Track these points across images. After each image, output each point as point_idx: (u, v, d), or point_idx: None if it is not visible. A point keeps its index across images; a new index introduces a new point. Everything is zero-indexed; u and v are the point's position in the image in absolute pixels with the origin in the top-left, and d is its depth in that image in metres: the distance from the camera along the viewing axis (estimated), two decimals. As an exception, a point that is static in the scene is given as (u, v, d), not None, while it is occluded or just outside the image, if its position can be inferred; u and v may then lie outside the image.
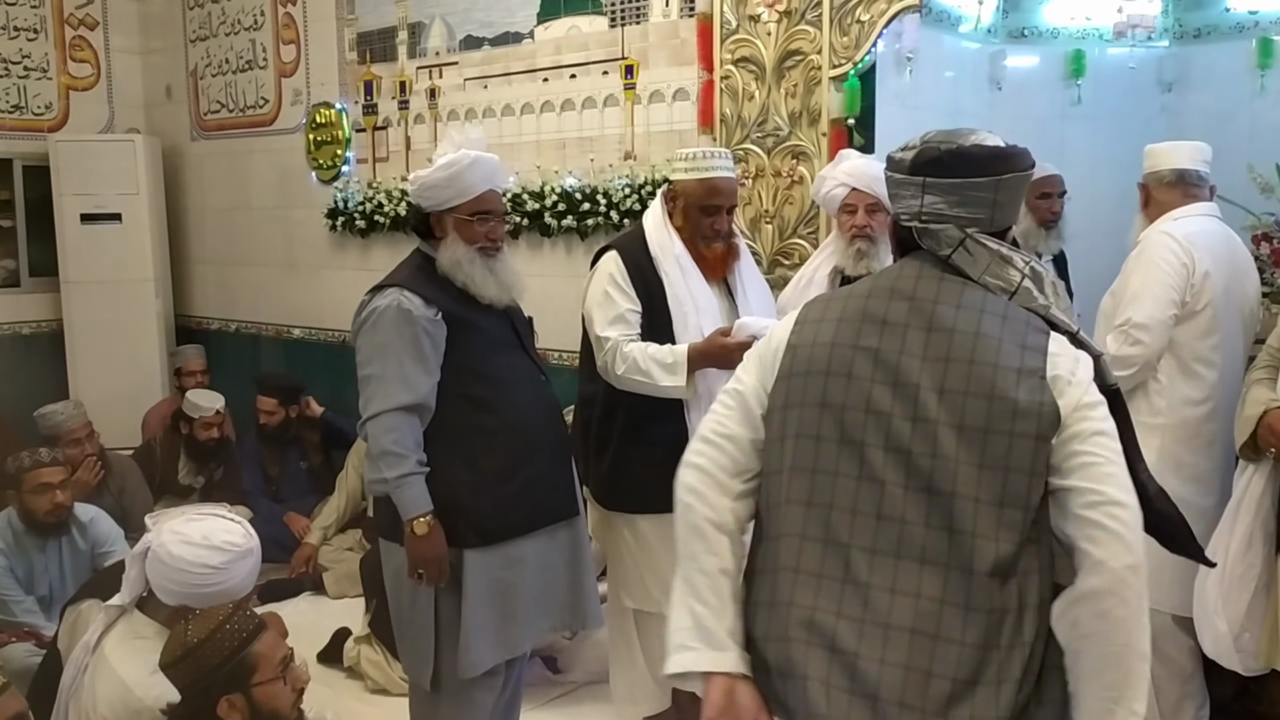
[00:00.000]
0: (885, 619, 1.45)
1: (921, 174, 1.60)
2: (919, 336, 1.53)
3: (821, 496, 1.52)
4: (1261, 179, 3.97)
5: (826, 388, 1.55)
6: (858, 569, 1.48)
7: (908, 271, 1.61)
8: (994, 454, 1.46)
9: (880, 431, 1.51)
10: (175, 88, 6.28)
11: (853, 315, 1.58)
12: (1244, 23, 4.41)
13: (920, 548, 1.46)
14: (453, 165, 2.59)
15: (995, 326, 1.52)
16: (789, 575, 1.52)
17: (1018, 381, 1.47)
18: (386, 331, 2.54)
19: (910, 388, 1.51)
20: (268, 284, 5.90)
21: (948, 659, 1.43)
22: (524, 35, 4.61)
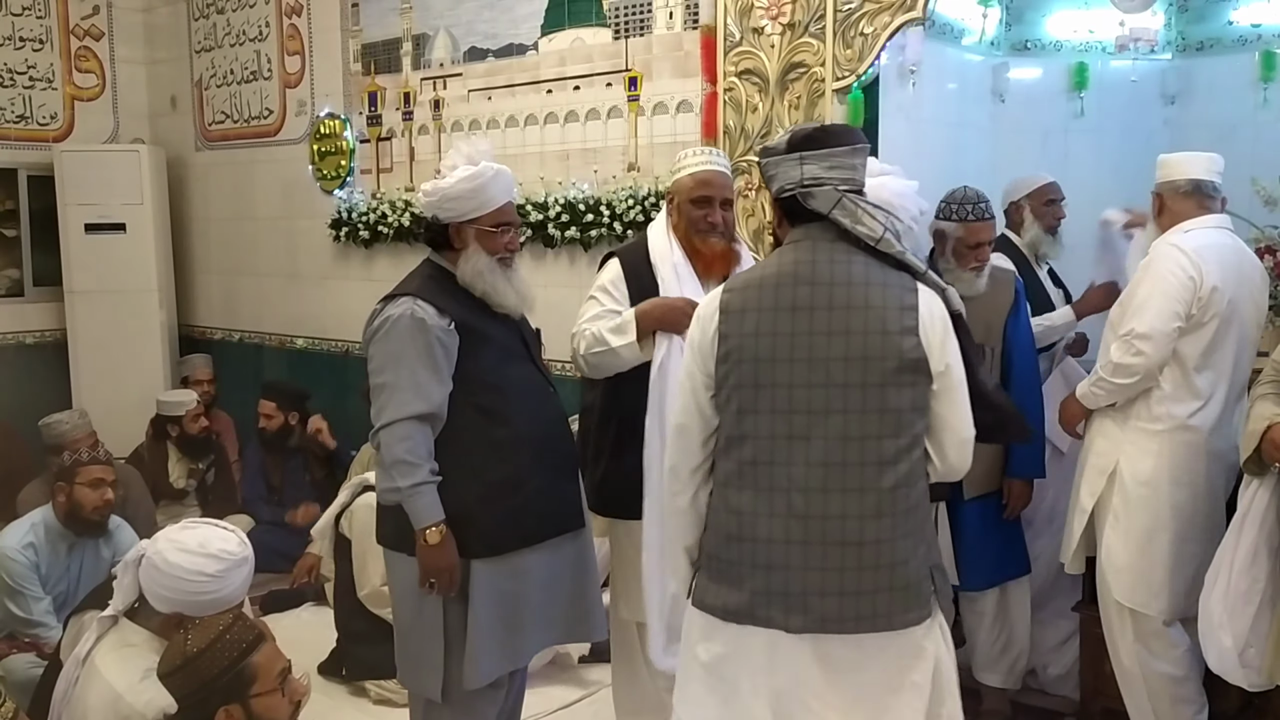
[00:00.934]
0: (821, 536, 1.95)
1: (798, 150, 2.00)
2: (824, 316, 1.95)
3: (765, 455, 1.98)
4: (1265, 191, 3.98)
5: (759, 372, 1.98)
6: (795, 504, 1.96)
7: (805, 255, 2.00)
8: (887, 401, 1.94)
9: (804, 399, 1.95)
10: (180, 98, 6.30)
11: (769, 304, 1.98)
12: (1247, 36, 4.41)
13: (841, 481, 1.94)
14: (478, 177, 2.60)
15: (879, 296, 1.95)
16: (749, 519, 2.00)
17: (900, 342, 1.94)
18: (400, 340, 2.54)
19: (821, 362, 1.94)
20: (271, 294, 5.91)
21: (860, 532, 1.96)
22: (528, 47, 4.62)
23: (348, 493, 3.77)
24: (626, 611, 3.02)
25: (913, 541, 1.98)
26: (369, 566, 3.64)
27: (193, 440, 5.06)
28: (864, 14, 3.57)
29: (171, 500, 5.00)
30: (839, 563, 1.94)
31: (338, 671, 3.80)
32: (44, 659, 3.32)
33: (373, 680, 3.66)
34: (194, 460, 5.11)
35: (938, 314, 1.98)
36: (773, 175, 2.05)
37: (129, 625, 2.46)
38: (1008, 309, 3.34)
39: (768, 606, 1.97)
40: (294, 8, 5.56)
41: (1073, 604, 3.43)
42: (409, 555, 2.56)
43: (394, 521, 2.58)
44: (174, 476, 5.08)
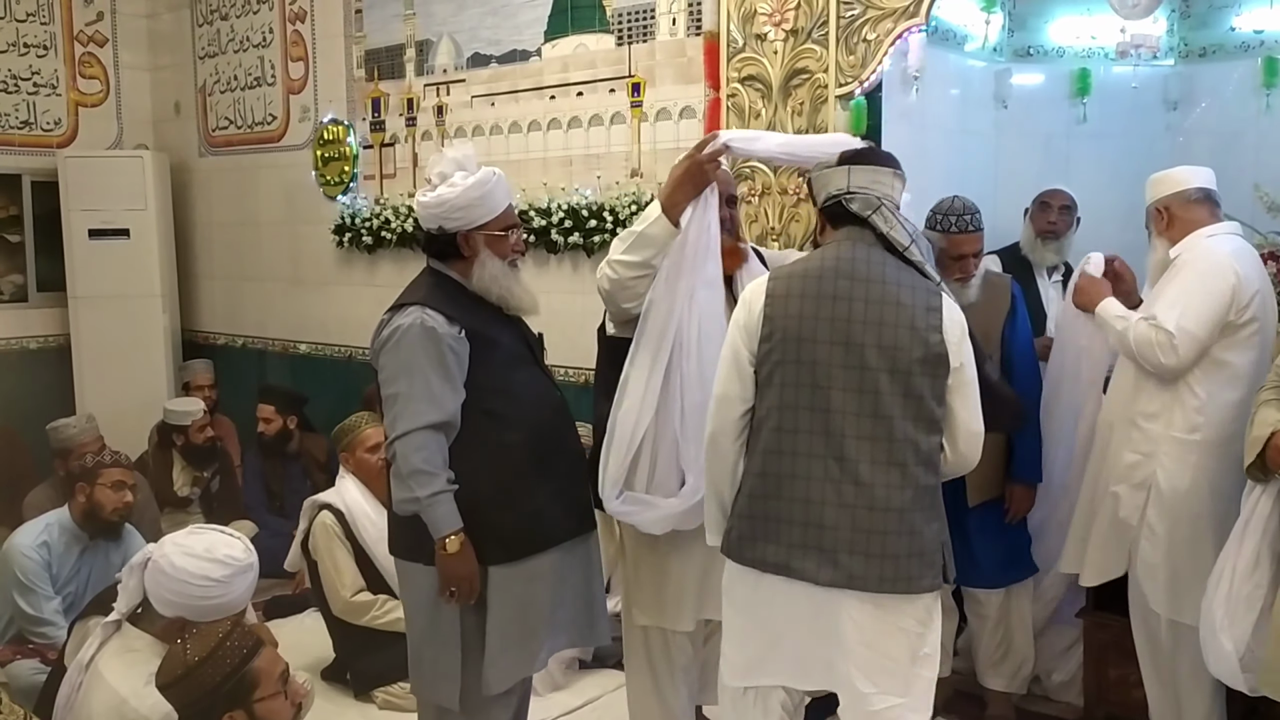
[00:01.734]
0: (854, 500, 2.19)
1: (848, 162, 2.34)
2: (860, 307, 2.20)
3: (804, 425, 2.23)
4: (1268, 198, 3.97)
5: (800, 351, 2.22)
6: (831, 470, 2.20)
7: (845, 252, 2.27)
8: (912, 388, 2.19)
9: (839, 378, 2.20)
10: (184, 104, 6.31)
11: (812, 293, 2.23)
12: (1249, 42, 4.41)
13: (870, 453, 2.19)
14: (484, 184, 2.61)
15: (909, 296, 2.22)
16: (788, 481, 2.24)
17: (926, 337, 2.20)
18: (411, 349, 2.54)
19: (857, 346, 2.19)
20: (275, 299, 5.92)
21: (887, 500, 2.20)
22: (531, 53, 4.63)
23: (306, 518, 3.80)
24: (642, 617, 2.90)
25: (929, 515, 2.22)
26: (334, 582, 3.65)
27: (198, 449, 5.06)
28: (867, 20, 3.58)
29: (175, 508, 5.00)
30: (868, 525, 2.17)
31: (342, 677, 3.80)
32: (47, 664, 3.33)
33: (379, 688, 3.67)
34: (199, 469, 5.11)
35: (957, 319, 2.26)
36: (822, 185, 2.35)
37: (132, 630, 2.46)
38: (1004, 315, 3.31)
39: (803, 559, 2.20)
40: (298, 14, 5.57)
41: (1076, 610, 3.43)
42: (425, 565, 2.56)
43: (409, 531, 2.58)
44: (178, 485, 5.08)
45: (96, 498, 3.65)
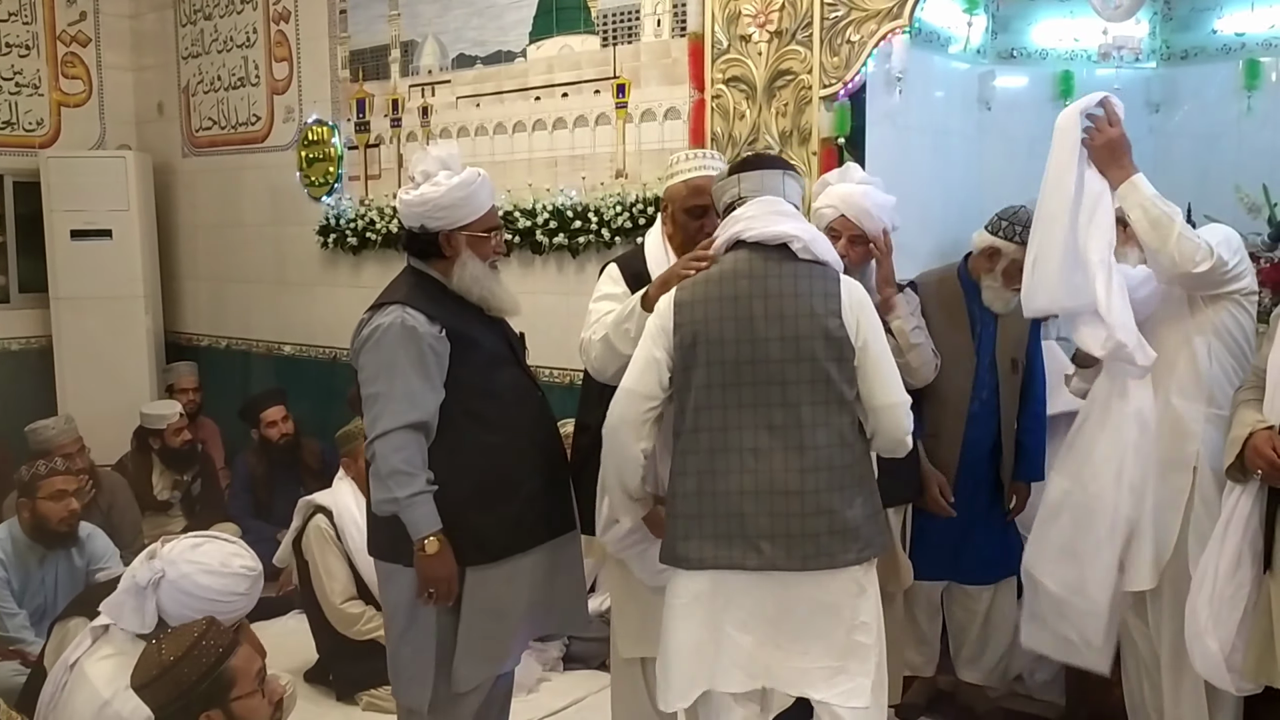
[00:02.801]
0: (769, 487, 2.29)
1: (735, 171, 2.47)
2: (760, 304, 2.31)
3: (718, 422, 2.32)
4: (1249, 199, 4.00)
5: (709, 353, 2.32)
6: (747, 462, 2.31)
7: (742, 256, 2.37)
8: (818, 374, 2.29)
9: (749, 373, 2.31)
10: (167, 104, 6.29)
11: (715, 296, 2.34)
12: (1231, 44, 4.44)
13: (783, 441, 2.29)
14: (469, 184, 2.60)
15: (805, 285, 2.33)
16: (708, 477, 2.34)
17: (825, 322, 2.30)
18: (391, 349, 2.52)
19: (761, 341, 2.30)
20: (259, 300, 5.89)
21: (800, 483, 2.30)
22: (516, 54, 4.63)
23: (300, 517, 3.78)
24: (630, 649, 2.86)
25: (849, 494, 2.32)
26: (326, 586, 3.63)
27: (175, 453, 5.03)
28: (850, 22, 3.59)
29: (156, 511, 4.97)
30: (784, 509, 2.28)
31: (325, 679, 3.79)
32: (27, 666, 3.30)
33: (362, 691, 3.66)
34: (178, 472, 5.08)
35: (857, 298, 2.36)
36: (719, 196, 2.49)
37: (121, 633, 2.44)
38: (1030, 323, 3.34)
39: (729, 548, 2.30)
40: (282, 14, 5.55)
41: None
42: (404, 566, 2.55)
43: (388, 532, 2.57)
44: (158, 489, 5.05)
45: (40, 510, 3.60)
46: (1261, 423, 2.39)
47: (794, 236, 2.34)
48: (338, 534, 3.69)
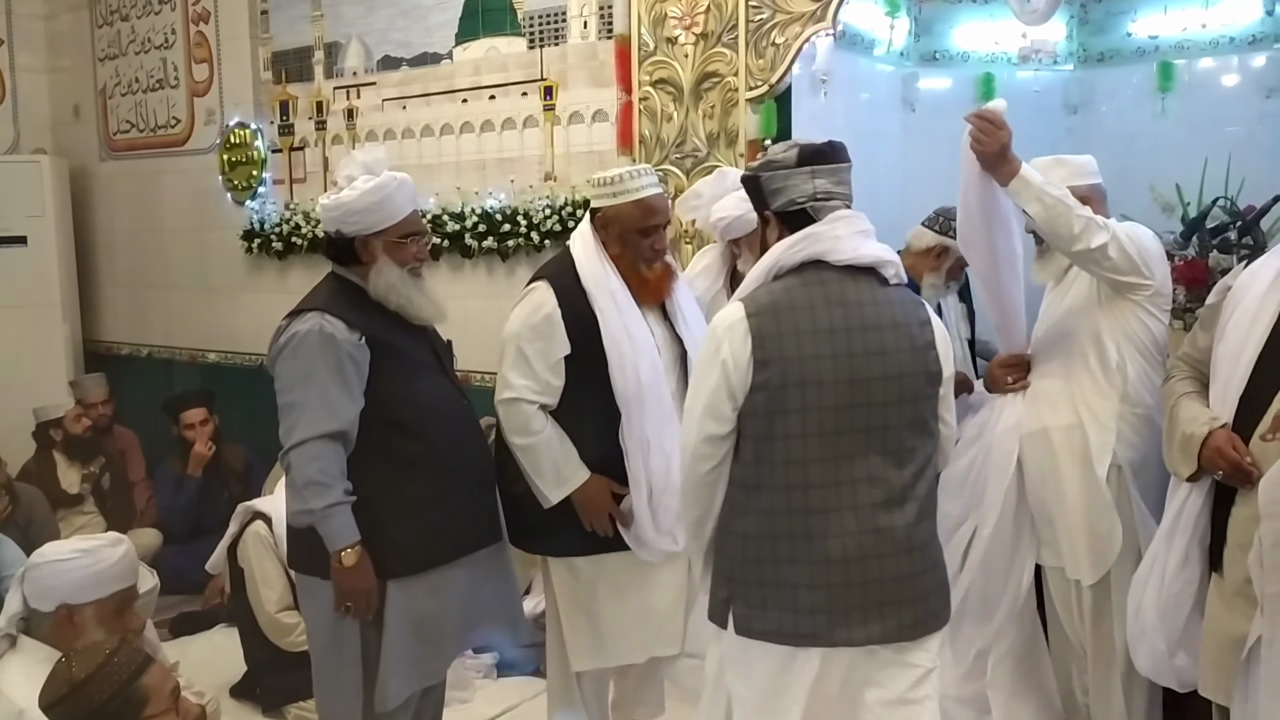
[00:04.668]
0: (888, 548, 2.02)
1: (808, 164, 2.06)
2: (860, 337, 2.00)
3: (815, 479, 2.00)
4: (1163, 198, 4.11)
5: (805, 397, 1.98)
6: (849, 523, 2.00)
7: (828, 275, 2.03)
8: (919, 414, 2.06)
9: (847, 420, 2.00)
10: (83, 107, 6.12)
11: (808, 328, 1.99)
12: (1145, 47, 4.55)
13: (885, 494, 2.02)
14: (382, 188, 2.53)
15: (901, 313, 2.05)
16: (803, 542, 2.01)
17: (925, 357, 2.06)
18: (309, 357, 2.47)
19: (862, 382, 1.99)
20: (182, 307, 5.76)
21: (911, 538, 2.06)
22: (442, 56, 4.59)
23: (237, 522, 3.70)
24: (583, 661, 2.80)
25: (939, 540, 2.15)
26: (261, 595, 3.56)
27: (78, 440, 4.91)
28: (775, 24, 3.61)
29: (68, 507, 4.84)
30: (895, 571, 2.02)
31: (252, 693, 3.71)
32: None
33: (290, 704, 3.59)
34: (83, 464, 4.96)
35: (939, 325, 2.13)
36: (779, 188, 2.07)
37: (29, 642, 2.38)
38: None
39: (829, 623, 2.00)
40: (201, 15, 5.44)
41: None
42: (323, 579, 2.49)
43: (306, 544, 2.51)
44: (66, 483, 4.92)
45: None
46: (1215, 420, 2.34)
47: (888, 260, 2.07)
48: (276, 541, 3.62)
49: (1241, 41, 4.31)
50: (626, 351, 2.65)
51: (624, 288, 2.70)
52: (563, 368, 2.67)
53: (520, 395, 2.65)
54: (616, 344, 2.65)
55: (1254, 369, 2.30)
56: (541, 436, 2.65)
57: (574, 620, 2.79)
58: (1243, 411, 2.31)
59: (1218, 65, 4.39)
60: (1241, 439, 2.28)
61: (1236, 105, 4.33)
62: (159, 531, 4.84)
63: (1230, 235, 3.70)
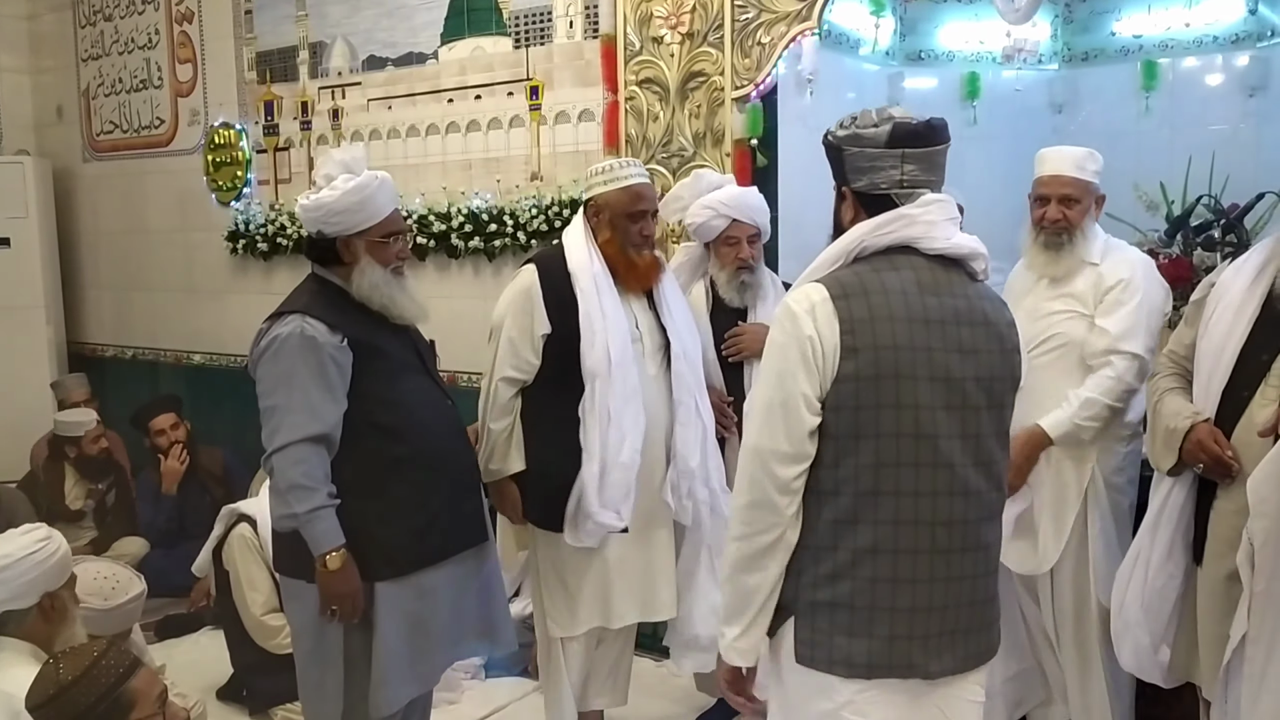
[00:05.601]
0: (970, 570, 1.83)
1: (900, 146, 1.81)
2: (954, 331, 1.80)
3: (906, 486, 1.78)
4: (1147, 197, 4.12)
5: (900, 392, 1.76)
6: (940, 539, 1.79)
7: (920, 263, 1.82)
8: (1003, 423, 1.87)
9: (944, 424, 1.78)
10: (67, 108, 6.08)
11: (903, 315, 1.77)
12: (1129, 46, 4.57)
13: (978, 510, 1.82)
14: (363, 188, 2.52)
15: (992, 311, 1.86)
16: (889, 559, 1.78)
17: (1012, 361, 1.88)
18: (290, 359, 2.45)
19: (957, 382, 1.79)
20: (166, 309, 5.73)
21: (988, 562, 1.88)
22: (428, 56, 4.57)
23: (221, 525, 3.68)
24: (558, 629, 2.98)
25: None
26: (247, 597, 3.55)
27: (91, 461, 4.88)
28: (760, 24, 3.61)
29: (68, 521, 4.80)
30: (980, 595, 1.85)
31: (238, 696, 3.69)
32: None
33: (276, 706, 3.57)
34: (92, 481, 4.93)
35: (1017, 326, 1.95)
36: (864, 168, 1.83)
37: (10, 642, 2.35)
38: None
39: (908, 653, 1.78)
40: (185, 15, 5.41)
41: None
42: (308, 582, 2.48)
43: (291, 548, 2.50)
44: (70, 498, 4.90)
45: None
46: (1198, 415, 2.35)
47: (980, 253, 1.87)
48: (261, 544, 3.60)
49: (1225, 40, 4.34)
50: (599, 329, 2.80)
51: (607, 273, 2.87)
52: (541, 346, 2.86)
53: (504, 374, 2.89)
54: (590, 320, 2.81)
55: (1235, 364, 2.32)
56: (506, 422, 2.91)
57: (550, 587, 2.95)
58: (1225, 406, 2.33)
59: (1201, 64, 4.42)
60: (1223, 433, 2.29)
61: (1220, 104, 4.36)
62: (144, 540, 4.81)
63: (1214, 233, 3.72)
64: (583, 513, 2.81)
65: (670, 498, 2.93)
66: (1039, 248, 3.02)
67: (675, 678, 3.58)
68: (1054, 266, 2.99)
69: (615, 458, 2.79)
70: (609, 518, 2.80)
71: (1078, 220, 2.95)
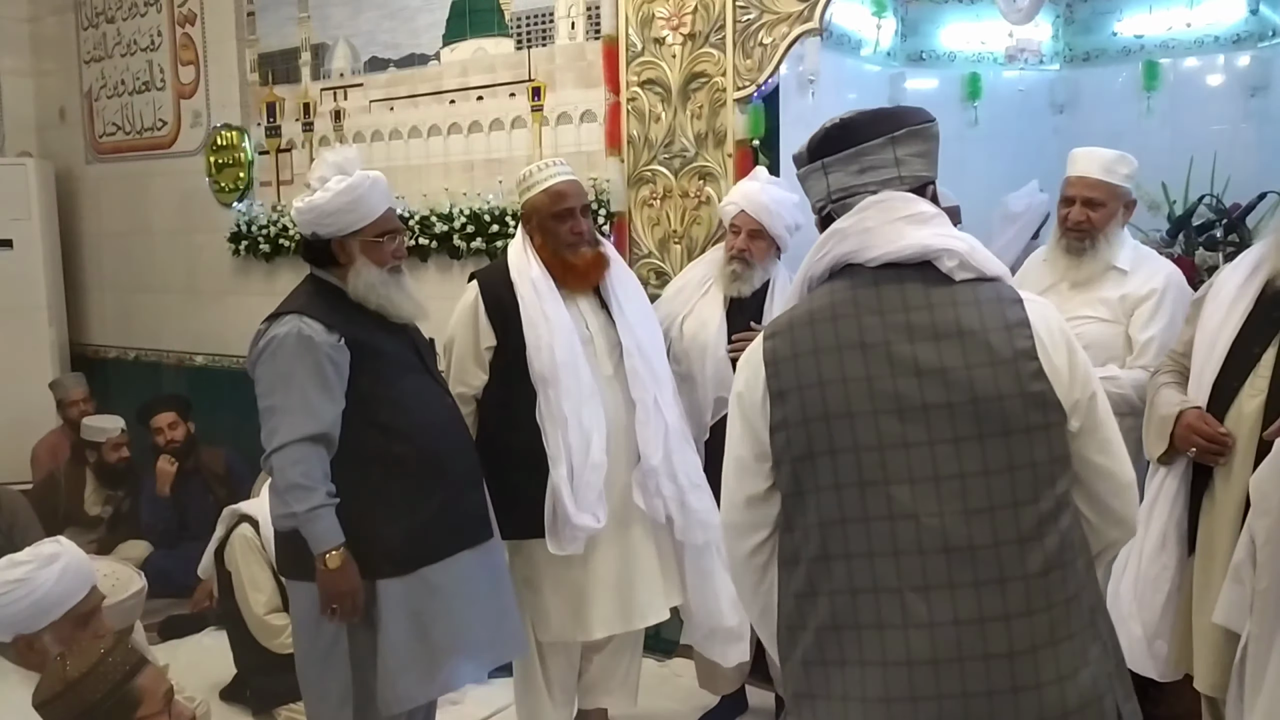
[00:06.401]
0: (955, 650, 1.43)
1: (818, 156, 1.60)
2: (904, 351, 1.47)
3: (857, 545, 1.47)
4: (1149, 197, 4.12)
5: (832, 433, 1.48)
6: (912, 610, 1.44)
7: (860, 280, 1.53)
8: (1024, 455, 1.46)
9: (901, 465, 1.46)
10: (69, 110, 6.09)
11: (829, 343, 1.50)
12: (1130, 46, 4.58)
13: (972, 572, 1.44)
14: (355, 188, 2.53)
15: (973, 316, 1.48)
16: (850, 635, 1.48)
17: (1017, 370, 1.47)
18: (288, 360, 2.46)
19: (916, 411, 1.46)
20: (169, 310, 5.74)
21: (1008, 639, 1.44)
22: (430, 57, 4.58)
23: (224, 526, 3.69)
24: (548, 633, 2.99)
25: (1080, 643, 1.46)
26: (249, 598, 3.55)
27: (111, 469, 4.88)
28: (762, 24, 3.62)
29: (82, 527, 4.81)
30: (985, 685, 1.42)
31: (242, 696, 3.70)
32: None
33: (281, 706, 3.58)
34: (111, 488, 4.93)
35: (1055, 325, 1.53)
36: (806, 190, 1.65)
37: None
38: None
39: None
40: (187, 17, 5.42)
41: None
42: (309, 582, 2.48)
43: (291, 548, 2.51)
44: (89, 503, 4.91)
45: None
46: (1187, 403, 2.38)
47: (943, 249, 1.52)
48: (263, 544, 3.61)
49: (1226, 40, 4.35)
50: (543, 333, 2.82)
51: (545, 276, 2.88)
52: (488, 359, 2.90)
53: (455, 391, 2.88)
54: (533, 326, 2.83)
55: (1227, 357, 2.35)
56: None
57: (523, 596, 2.96)
58: (1215, 397, 2.36)
59: (1202, 64, 4.43)
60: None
61: (1221, 104, 4.37)
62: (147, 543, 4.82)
63: (1216, 233, 3.73)
64: (560, 518, 2.82)
65: (639, 498, 2.94)
66: (1060, 250, 3.00)
67: (677, 677, 3.59)
68: (1076, 271, 2.96)
69: (584, 459, 2.80)
70: (586, 520, 2.81)
71: (1101, 224, 2.91)
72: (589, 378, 2.85)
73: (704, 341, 3.17)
